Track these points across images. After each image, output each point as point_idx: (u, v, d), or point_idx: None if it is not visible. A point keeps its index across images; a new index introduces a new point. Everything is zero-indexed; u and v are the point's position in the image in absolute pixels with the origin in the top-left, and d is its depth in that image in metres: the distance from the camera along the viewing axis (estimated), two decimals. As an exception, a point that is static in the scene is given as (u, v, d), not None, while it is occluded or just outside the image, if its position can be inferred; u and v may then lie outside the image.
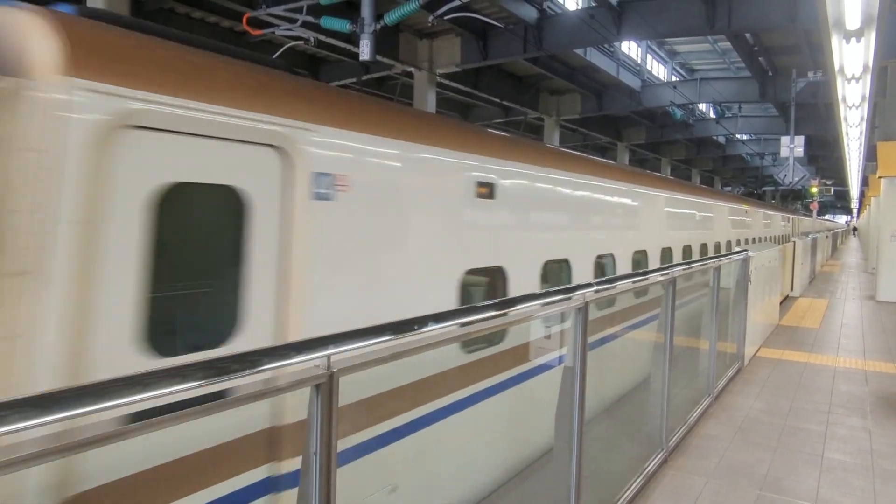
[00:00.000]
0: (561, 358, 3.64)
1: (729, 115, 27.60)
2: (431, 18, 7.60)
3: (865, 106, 11.67)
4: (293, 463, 2.87)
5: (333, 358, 1.69)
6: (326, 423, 1.64)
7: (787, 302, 13.58)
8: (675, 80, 24.75)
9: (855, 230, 72.29)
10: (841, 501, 3.98)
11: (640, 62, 23.40)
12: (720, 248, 12.28)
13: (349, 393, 1.80)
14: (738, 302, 7.03)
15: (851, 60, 8.54)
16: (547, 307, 3.01)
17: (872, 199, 25.56)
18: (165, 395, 1.33)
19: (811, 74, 17.11)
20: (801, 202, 45.00)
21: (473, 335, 3.04)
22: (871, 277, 19.21)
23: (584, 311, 3.09)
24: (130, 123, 2.39)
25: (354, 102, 3.67)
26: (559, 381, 3.20)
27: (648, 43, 23.64)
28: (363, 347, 1.84)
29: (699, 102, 22.16)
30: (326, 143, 3.22)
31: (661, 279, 4.44)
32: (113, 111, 2.33)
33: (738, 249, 7.23)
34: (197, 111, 2.61)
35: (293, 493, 2.77)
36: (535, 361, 4.98)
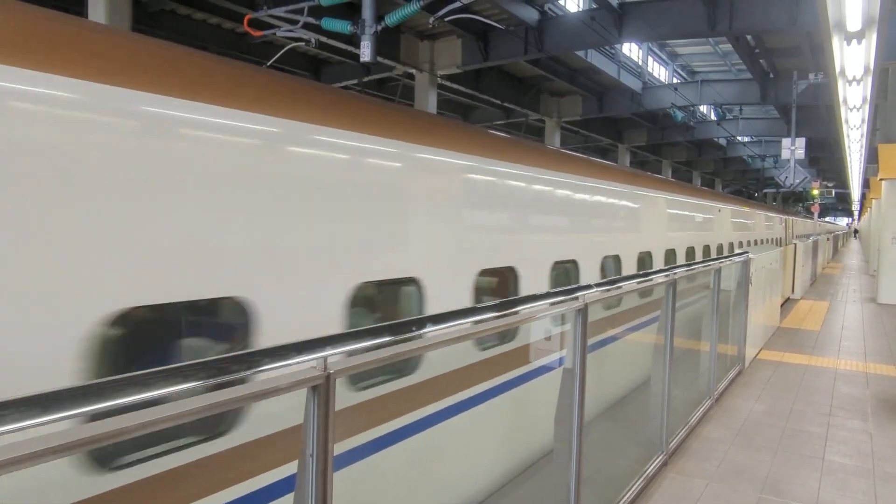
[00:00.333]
0: (560, 360, 3.63)
1: (730, 117, 27.64)
2: (432, 20, 7.60)
3: (866, 108, 11.67)
4: None
5: (331, 360, 1.68)
6: (323, 424, 1.62)
7: (788, 304, 13.57)
8: (676, 81, 24.75)
9: (856, 232, 72.21)
10: (841, 504, 3.98)
11: (641, 64, 23.41)
12: (672, 259, 9.09)
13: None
14: (738, 304, 7.03)
15: (852, 62, 8.54)
16: (547, 309, 3.00)
17: (873, 201, 25.49)
18: (165, 394, 1.33)
19: (812, 76, 17.09)
20: (802, 204, 45.02)
21: (473, 336, 3.03)
22: (872, 280, 19.20)
23: (583, 312, 3.09)
24: None
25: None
26: (558, 383, 3.19)
27: (649, 45, 23.65)
28: (362, 349, 1.84)
29: (700, 104, 22.16)
30: None
31: (661, 280, 4.44)
32: None
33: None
34: None
35: None
36: (533, 363, 4.96)
